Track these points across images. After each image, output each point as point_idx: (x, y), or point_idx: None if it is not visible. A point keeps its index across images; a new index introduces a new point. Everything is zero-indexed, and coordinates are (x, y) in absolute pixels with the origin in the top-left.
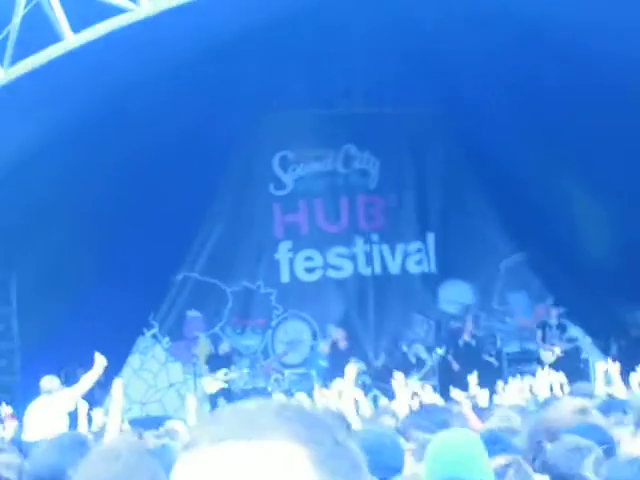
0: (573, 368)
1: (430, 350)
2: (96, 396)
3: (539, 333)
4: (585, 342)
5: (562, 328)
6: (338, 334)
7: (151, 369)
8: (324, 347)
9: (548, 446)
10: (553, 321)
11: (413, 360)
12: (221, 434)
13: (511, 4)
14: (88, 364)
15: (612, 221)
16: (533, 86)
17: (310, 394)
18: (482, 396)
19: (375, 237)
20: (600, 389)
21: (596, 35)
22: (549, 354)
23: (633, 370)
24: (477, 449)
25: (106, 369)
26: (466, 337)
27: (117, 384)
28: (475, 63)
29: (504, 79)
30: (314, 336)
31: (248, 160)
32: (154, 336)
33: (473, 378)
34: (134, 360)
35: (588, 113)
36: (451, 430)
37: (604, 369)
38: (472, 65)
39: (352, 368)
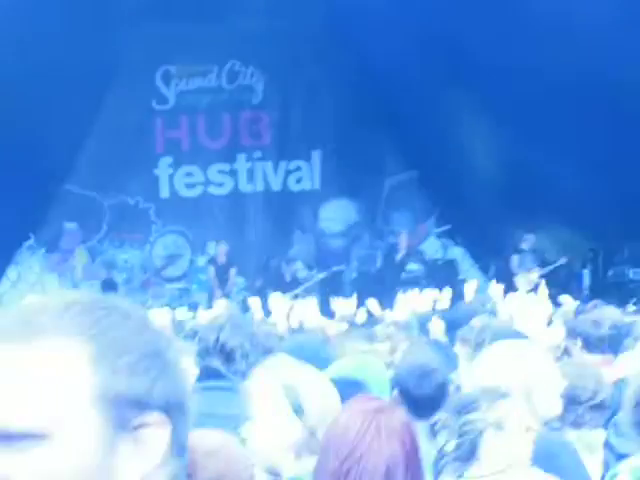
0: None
1: (310, 268)
2: None
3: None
4: (464, 263)
5: (444, 248)
6: (218, 249)
7: (28, 280)
8: (203, 262)
9: None
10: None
11: (288, 278)
12: None
13: None
14: None
15: (500, 145)
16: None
17: (191, 307)
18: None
19: (258, 154)
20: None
21: None
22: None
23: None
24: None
25: None
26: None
27: None
28: None
29: None
30: (194, 251)
31: (131, 73)
32: (30, 248)
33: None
34: (11, 272)
35: (487, 36)
36: None
37: (474, 287)
38: None
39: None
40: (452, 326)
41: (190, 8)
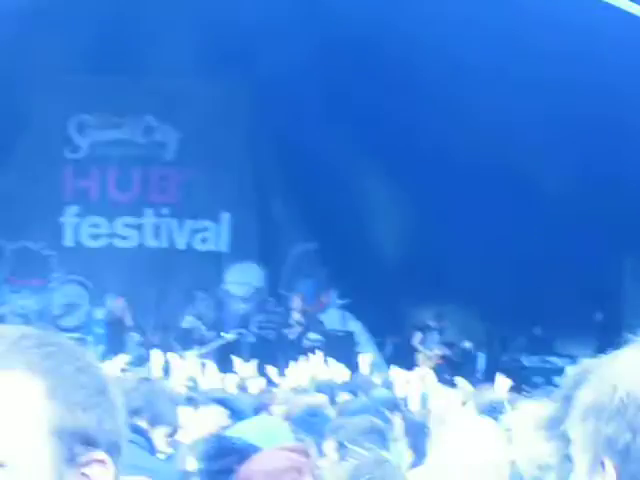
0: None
1: (210, 329)
2: None
3: None
4: (362, 337)
5: (344, 320)
6: (117, 303)
7: None
8: (103, 315)
9: None
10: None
11: (193, 336)
12: None
13: None
14: None
15: (403, 220)
16: (343, 71)
17: None
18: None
19: (165, 210)
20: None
21: None
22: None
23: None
24: None
25: None
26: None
27: None
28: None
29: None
30: (93, 302)
31: (45, 120)
32: None
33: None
34: None
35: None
36: None
37: (368, 361)
38: (278, 41)
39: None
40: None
41: (111, 61)
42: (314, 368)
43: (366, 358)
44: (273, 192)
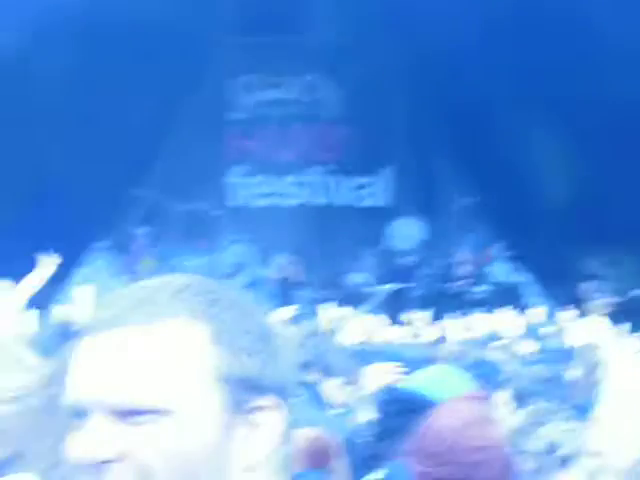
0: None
1: (378, 284)
2: None
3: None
4: (530, 288)
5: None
6: (286, 261)
7: (95, 283)
8: (271, 273)
9: None
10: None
11: (360, 292)
12: (116, 318)
13: None
14: None
15: (569, 172)
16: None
17: None
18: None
19: (329, 167)
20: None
21: None
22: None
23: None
24: None
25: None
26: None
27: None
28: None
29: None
30: (262, 261)
31: (206, 82)
32: (101, 250)
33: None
34: (82, 273)
35: (548, 61)
36: None
37: (540, 312)
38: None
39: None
40: None
41: (269, 21)
42: (484, 320)
43: (538, 310)
44: (436, 145)
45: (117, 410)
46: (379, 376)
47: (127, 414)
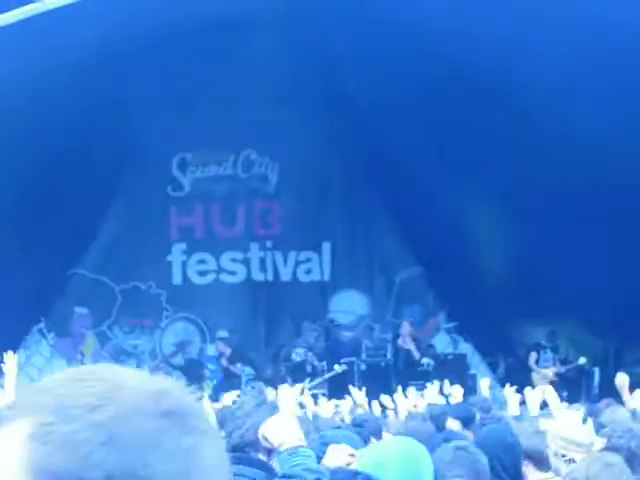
0: (461, 382)
1: (320, 359)
2: None
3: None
4: (474, 358)
5: (454, 343)
6: (228, 337)
7: (36, 365)
8: (213, 351)
9: None
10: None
11: (306, 368)
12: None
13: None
14: None
15: (507, 239)
16: (438, 102)
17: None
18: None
19: (269, 244)
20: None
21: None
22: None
23: (521, 389)
24: None
25: None
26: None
27: (10, 358)
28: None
29: (414, 93)
30: (204, 339)
31: (146, 160)
32: (40, 331)
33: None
34: (20, 355)
35: (489, 129)
36: None
37: (487, 385)
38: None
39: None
40: (466, 422)
41: (207, 98)
42: (429, 393)
43: (485, 381)
44: (374, 218)
45: None
46: (335, 458)
47: None
